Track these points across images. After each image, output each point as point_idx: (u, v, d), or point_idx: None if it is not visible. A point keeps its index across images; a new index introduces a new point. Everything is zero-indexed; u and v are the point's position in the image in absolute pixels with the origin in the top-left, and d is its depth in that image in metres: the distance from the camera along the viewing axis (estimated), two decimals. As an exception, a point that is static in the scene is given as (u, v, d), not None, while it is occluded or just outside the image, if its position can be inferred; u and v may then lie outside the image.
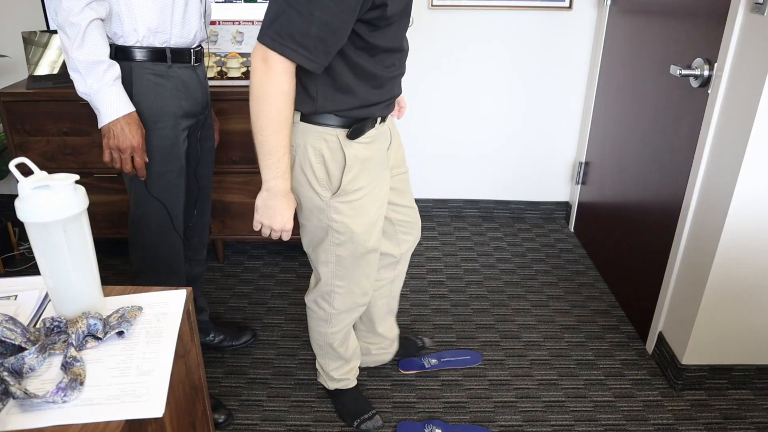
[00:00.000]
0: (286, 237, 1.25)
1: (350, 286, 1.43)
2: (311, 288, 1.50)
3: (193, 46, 1.47)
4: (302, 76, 1.18)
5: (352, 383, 1.67)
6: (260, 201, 1.22)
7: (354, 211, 1.30)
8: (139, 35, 1.36)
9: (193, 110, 1.51)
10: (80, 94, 1.32)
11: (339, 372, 1.63)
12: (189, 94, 1.48)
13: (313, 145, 1.23)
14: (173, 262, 1.56)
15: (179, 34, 1.42)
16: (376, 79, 1.22)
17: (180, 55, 1.44)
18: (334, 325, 1.51)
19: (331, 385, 1.66)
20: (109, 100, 1.31)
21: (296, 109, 1.21)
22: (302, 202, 1.31)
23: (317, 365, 1.67)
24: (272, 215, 1.21)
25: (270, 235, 1.25)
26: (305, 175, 1.26)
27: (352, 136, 1.23)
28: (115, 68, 1.32)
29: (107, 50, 1.31)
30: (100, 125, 1.34)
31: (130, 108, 1.35)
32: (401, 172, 1.51)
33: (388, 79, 1.25)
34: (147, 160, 1.41)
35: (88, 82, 1.29)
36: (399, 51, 1.24)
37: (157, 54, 1.40)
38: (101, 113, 1.33)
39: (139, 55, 1.38)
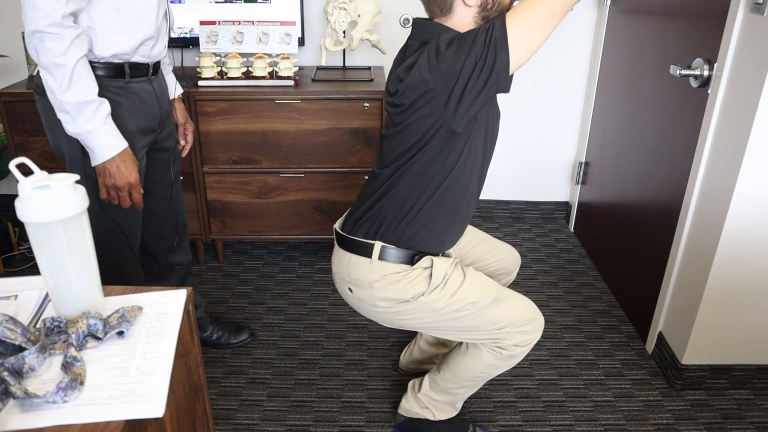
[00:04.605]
0: None
1: (518, 315, 1.35)
2: (501, 346, 1.37)
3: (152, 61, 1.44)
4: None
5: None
6: None
7: (451, 290, 1.30)
8: (100, 55, 1.31)
9: (150, 126, 1.46)
10: (70, 134, 1.27)
11: (469, 395, 1.55)
12: (146, 110, 1.43)
13: (390, 277, 1.29)
14: (132, 280, 1.53)
15: (142, 53, 1.38)
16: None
17: (138, 69, 1.39)
18: (525, 352, 1.39)
19: (446, 416, 1.55)
20: (103, 140, 1.27)
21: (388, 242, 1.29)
22: (414, 319, 1.32)
23: (432, 398, 1.53)
24: None
25: None
26: (393, 300, 1.30)
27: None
28: (105, 106, 1.27)
29: (95, 87, 1.25)
30: (93, 164, 1.30)
31: (123, 144, 1.31)
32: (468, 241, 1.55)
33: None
34: (142, 191, 1.39)
35: (79, 122, 1.24)
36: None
37: (116, 70, 1.34)
38: (95, 153, 1.28)
39: (97, 70, 1.31)
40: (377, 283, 1.29)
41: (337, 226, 1.39)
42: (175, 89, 1.65)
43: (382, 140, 1.30)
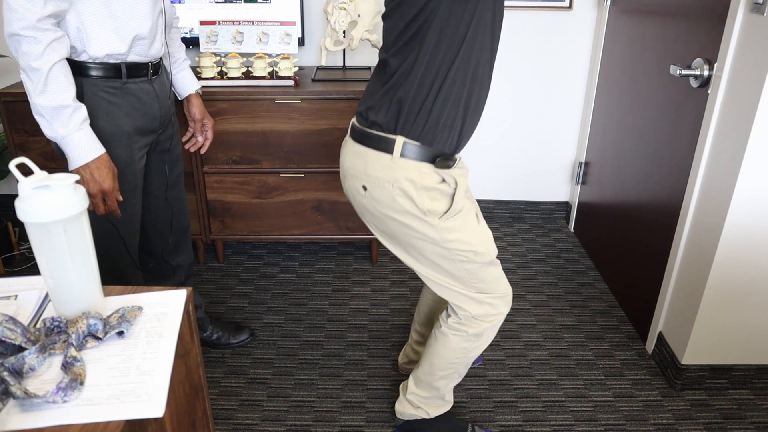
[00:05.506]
0: None
1: (500, 284, 1.38)
2: (462, 312, 1.39)
3: (152, 61, 1.43)
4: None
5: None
6: None
7: (465, 226, 1.29)
8: (94, 55, 1.30)
9: (150, 127, 1.45)
10: (48, 138, 1.26)
11: (453, 385, 1.53)
12: (144, 110, 1.42)
13: (413, 180, 1.23)
14: (130, 281, 1.54)
15: (138, 52, 1.36)
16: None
17: (136, 69, 1.38)
18: (493, 329, 1.41)
19: (439, 411, 1.54)
20: (77, 145, 1.25)
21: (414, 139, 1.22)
22: (417, 239, 1.29)
23: (419, 395, 1.52)
24: None
25: None
26: (411, 202, 1.25)
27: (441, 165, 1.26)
28: (81, 111, 1.26)
29: (72, 91, 1.24)
30: (69, 169, 1.30)
31: (99, 151, 1.29)
32: None
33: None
34: (121, 199, 1.37)
35: (54, 126, 1.23)
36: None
37: (112, 70, 1.33)
38: (69, 158, 1.28)
39: (92, 71, 1.31)
40: (398, 184, 1.23)
41: (354, 119, 1.34)
42: (174, 86, 1.64)
43: (384, 23, 1.24)
